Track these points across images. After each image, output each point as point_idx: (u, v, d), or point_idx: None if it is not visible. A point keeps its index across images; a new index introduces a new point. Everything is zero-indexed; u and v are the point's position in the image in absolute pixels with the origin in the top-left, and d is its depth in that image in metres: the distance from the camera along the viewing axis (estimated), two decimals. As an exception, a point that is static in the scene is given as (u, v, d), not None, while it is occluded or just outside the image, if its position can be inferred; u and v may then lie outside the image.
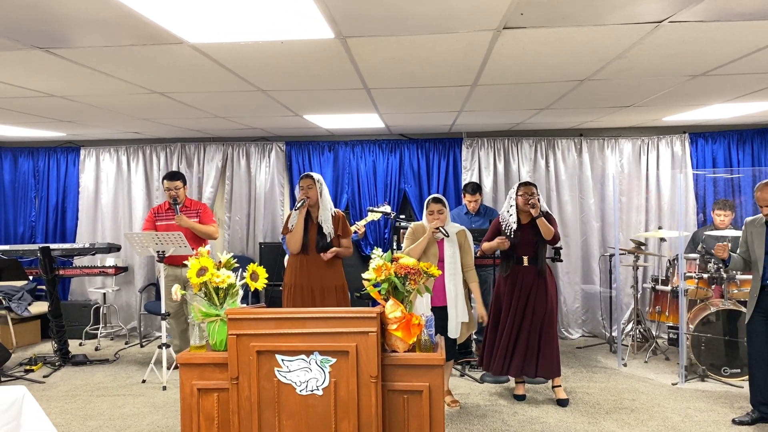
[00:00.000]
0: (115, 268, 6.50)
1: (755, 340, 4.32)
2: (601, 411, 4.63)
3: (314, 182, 4.70)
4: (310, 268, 4.72)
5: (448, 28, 2.66)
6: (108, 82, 3.70)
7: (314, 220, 4.77)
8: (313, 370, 2.81)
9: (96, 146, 7.52)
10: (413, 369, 2.91)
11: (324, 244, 4.72)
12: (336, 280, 4.78)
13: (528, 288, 4.75)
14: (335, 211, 4.84)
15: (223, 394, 2.93)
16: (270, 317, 2.82)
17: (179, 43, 2.79)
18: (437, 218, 4.49)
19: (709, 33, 2.82)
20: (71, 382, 5.57)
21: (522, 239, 4.74)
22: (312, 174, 4.75)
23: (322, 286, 4.71)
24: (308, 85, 3.96)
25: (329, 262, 4.73)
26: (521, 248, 4.76)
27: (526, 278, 4.76)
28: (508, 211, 4.80)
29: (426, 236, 4.47)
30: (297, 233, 4.70)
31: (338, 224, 4.79)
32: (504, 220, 4.83)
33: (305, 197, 4.67)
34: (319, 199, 4.72)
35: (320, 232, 4.73)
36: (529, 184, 4.79)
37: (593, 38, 2.86)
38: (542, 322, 4.72)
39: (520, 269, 4.78)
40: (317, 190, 4.70)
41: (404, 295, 2.99)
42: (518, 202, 4.74)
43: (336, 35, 2.71)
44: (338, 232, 4.78)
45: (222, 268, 2.99)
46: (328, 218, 4.74)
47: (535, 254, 4.76)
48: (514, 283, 4.78)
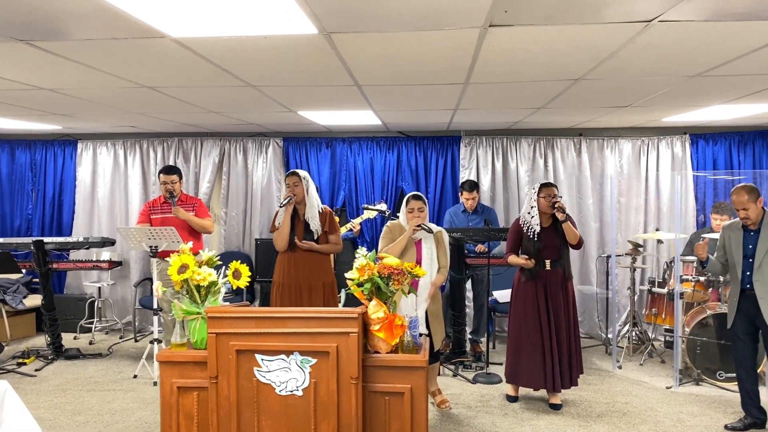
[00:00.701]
0: (109, 263, 6.48)
1: (739, 344, 4.32)
2: (593, 414, 4.58)
3: (300, 179, 4.66)
4: (298, 266, 4.68)
5: (433, 25, 2.62)
6: (95, 76, 3.67)
7: (301, 217, 4.74)
8: (293, 370, 2.78)
9: (93, 140, 7.50)
10: (395, 370, 2.88)
11: (310, 240, 4.69)
12: (324, 277, 4.75)
13: (556, 293, 4.60)
14: (322, 208, 4.81)
15: (203, 392, 2.91)
16: (250, 316, 2.80)
17: (161, 37, 2.75)
18: (417, 216, 4.32)
19: (702, 33, 2.77)
20: (63, 376, 5.55)
21: (545, 242, 4.59)
22: (298, 171, 4.72)
23: (310, 283, 4.67)
24: (298, 81, 3.92)
25: (316, 259, 4.70)
26: (545, 251, 4.59)
27: (552, 282, 4.60)
28: (529, 213, 4.63)
29: (406, 235, 4.30)
30: (283, 231, 4.67)
31: (325, 221, 4.75)
32: (526, 222, 4.65)
33: (291, 194, 4.64)
34: (306, 197, 4.68)
35: (307, 229, 4.70)
36: (551, 185, 4.62)
37: (583, 37, 2.81)
38: (574, 330, 4.64)
39: (544, 273, 4.61)
40: (303, 187, 4.67)
41: (388, 296, 2.96)
42: (540, 204, 4.57)
43: (320, 31, 2.67)
44: (325, 228, 4.74)
45: (204, 265, 2.96)
46: (315, 215, 4.71)
47: (559, 257, 4.62)
48: (539, 288, 4.60)
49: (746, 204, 4.08)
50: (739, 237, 4.24)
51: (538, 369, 4.57)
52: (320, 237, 4.72)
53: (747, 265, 4.18)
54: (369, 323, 2.89)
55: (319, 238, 4.72)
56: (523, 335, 4.64)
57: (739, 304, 4.26)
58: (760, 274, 4.09)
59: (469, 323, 6.45)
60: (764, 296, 4.07)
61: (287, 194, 4.67)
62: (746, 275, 4.19)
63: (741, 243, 4.23)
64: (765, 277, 4.08)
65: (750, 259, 4.16)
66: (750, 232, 4.20)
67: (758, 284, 4.10)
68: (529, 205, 4.68)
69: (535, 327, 4.58)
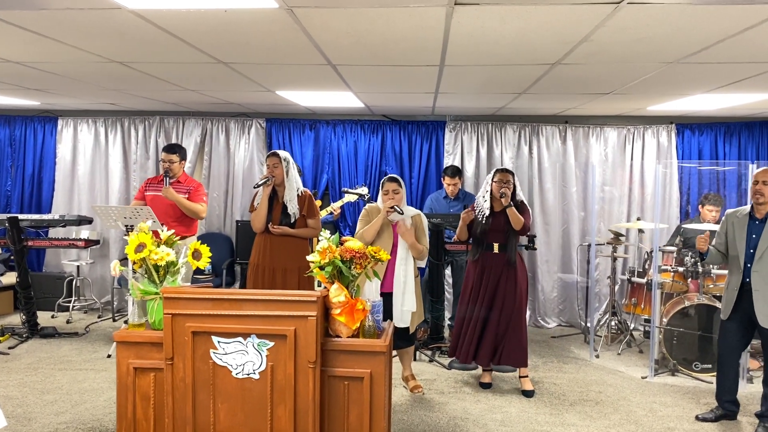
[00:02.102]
0: (86, 241, 6.40)
1: (729, 337, 4.19)
2: (566, 402, 4.56)
3: (280, 161, 4.59)
4: (274, 248, 4.62)
5: (397, 2, 2.54)
6: (58, 48, 3.57)
7: (280, 199, 4.67)
8: (250, 353, 2.74)
9: (73, 117, 7.39)
10: (355, 355, 2.84)
11: (288, 223, 4.62)
12: (300, 261, 4.63)
13: (497, 276, 4.68)
14: (302, 191, 4.73)
15: (160, 374, 2.86)
16: (206, 297, 2.74)
17: (118, 9, 2.67)
18: (392, 198, 4.34)
19: (673, 17, 2.69)
20: (36, 354, 5.50)
21: (493, 226, 4.66)
22: (278, 152, 4.65)
23: (285, 266, 4.61)
24: (269, 59, 3.83)
25: (292, 242, 4.63)
26: (492, 235, 4.68)
27: (495, 266, 4.69)
28: (483, 197, 4.72)
29: (380, 216, 4.33)
30: (261, 212, 4.61)
31: (304, 204, 4.68)
32: (478, 205, 4.75)
33: (270, 175, 4.57)
34: (285, 179, 4.61)
35: (285, 211, 4.63)
36: (506, 171, 4.68)
37: (552, 18, 2.73)
38: (511, 311, 4.66)
39: (490, 256, 4.71)
40: (283, 169, 4.59)
41: (350, 280, 2.91)
42: (493, 188, 4.66)
43: (280, 5, 2.58)
44: (303, 212, 4.67)
45: (162, 245, 2.90)
46: (294, 198, 4.64)
47: (505, 242, 4.68)
48: (483, 270, 4.72)
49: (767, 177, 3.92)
50: (744, 225, 4.07)
51: (468, 343, 4.71)
52: (298, 220, 4.65)
53: (749, 256, 4.01)
54: (330, 307, 2.85)
55: (296, 221, 4.64)
56: (460, 312, 4.84)
57: (738, 298, 4.08)
58: (760, 266, 3.94)
59: (447, 309, 6.43)
60: (759, 288, 3.94)
61: (266, 174, 4.60)
62: (747, 267, 4.01)
63: (745, 232, 4.05)
64: (765, 270, 3.93)
65: (752, 250, 3.99)
66: (756, 221, 4.03)
67: (755, 276, 3.95)
68: (484, 189, 4.74)
69: (471, 304, 4.74)
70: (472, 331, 4.70)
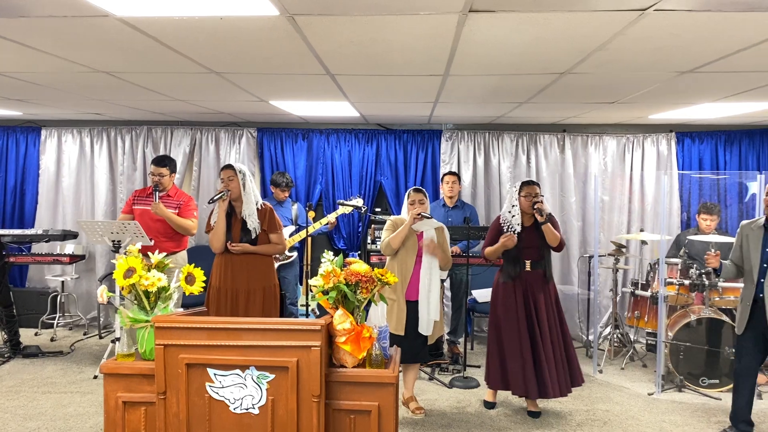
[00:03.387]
0: (70, 257, 6.16)
1: (745, 357, 4.04)
2: (573, 423, 4.40)
3: (235, 173, 4.33)
4: (234, 269, 4.34)
5: (407, 9, 2.37)
6: (41, 58, 3.37)
7: (238, 215, 4.40)
8: (249, 386, 2.54)
9: (58, 127, 7.15)
10: (362, 386, 2.65)
11: (249, 240, 4.36)
12: (264, 281, 4.40)
13: (537, 295, 4.40)
14: (261, 204, 4.46)
15: (151, 408, 2.66)
16: (202, 327, 2.54)
17: (104, 16, 2.47)
18: (419, 208, 4.35)
19: (698, 24, 2.55)
20: (18, 376, 5.26)
21: (526, 243, 4.40)
22: (233, 164, 4.40)
23: (248, 287, 4.34)
24: (265, 69, 3.65)
25: (254, 261, 4.37)
26: (525, 252, 4.41)
27: (533, 284, 4.42)
28: (510, 212, 4.46)
29: (407, 224, 4.31)
30: (219, 230, 4.33)
31: (265, 218, 4.40)
32: (506, 221, 4.47)
33: (225, 189, 4.31)
34: (242, 192, 4.34)
35: (244, 227, 4.36)
36: (533, 183, 4.45)
37: (570, 26, 2.58)
38: (564, 331, 4.46)
39: (524, 274, 4.42)
40: (239, 182, 4.33)
41: (355, 305, 2.72)
42: (521, 203, 4.40)
43: (281, 12, 2.41)
44: (264, 226, 4.39)
45: (153, 269, 2.70)
46: (253, 212, 4.36)
47: (540, 258, 4.44)
48: (517, 290, 4.42)
49: None
50: (759, 237, 3.91)
51: (519, 374, 4.35)
52: (259, 236, 4.37)
53: (762, 270, 3.85)
54: (334, 334, 2.66)
55: (258, 237, 4.37)
56: (504, 338, 4.44)
57: (752, 313, 3.93)
58: None
59: (447, 323, 6.26)
60: None
61: (221, 189, 4.34)
62: (761, 282, 3.86)
63: (760, 245, 3.89)
64: None
65: (766, 264, 3.83)
66: None
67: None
68: (510, 204, 4.50)
69: (515, 329, 4.38)
70: (525, 360, 4.31)
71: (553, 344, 4.39)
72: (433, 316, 4.33)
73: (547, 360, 4.33)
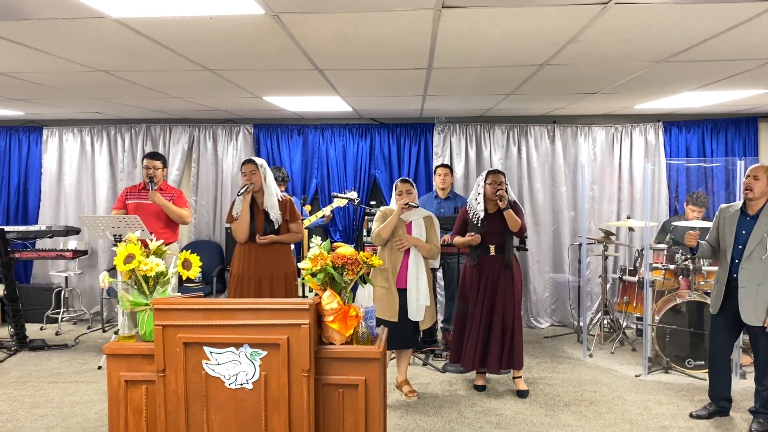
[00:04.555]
0: (73, 252, 6.33)
1: (719, 337, 4.21)
2: (560, 403, 4.56)
3: (257, 167, 4.54)
4: (258, 257, 4.56)
5: (384, 6, 2.52)
6: (42, 58, 3.53)
7: (260, 206, 4.61)
8: (243, 363, 2.70)
9: (59, 126, 7.32)
10: (349, 362, 2.81)
11: (272, 230, 4.57)
12: (285, 268, 4.64)
13: (495, 279, 4.66)
14: (282, 196, 4.69)
15: (152, 386, 2.81)
16: (197, 308, 2.70)
17: (101, 17, 2.63)
18: (406, 198, 4.47)
19: (660, 16, 2.69)
20: (25, 367, 5.43)
21: (489, 228, 4.64)
22: (254, 159, 4.60)
23: (270, 274, 4.56)
24: (256, 65, 3.80)
25: (277, 249, 4.60)
26: (488, 238, 4.66)
27: (493, 268, 4.67)
28: (476, 199, 4.70)
29: (396, 214, 4.45)
30: (243, 221, 4.54)
31: (285, 209, 4.63)
32: (471, 208, 4.73)
33: (248, 183, 4.51)
34: (264, 185, 4.55)
35: (267, 218, 4.58)
36: (498, 172, 4.68)
37: (540, 20, 2.73)
38: (513, 314, 4.65)
39: (487, 259, 4.68)
40: (261, 175, 4.54)
41: (342, 286, 2.88)
42: (486, 190, 4.64)
43: (266, 11, 2.56)
44: (286, 217, 4.63)
45: (152, 255, 2.86)
46: (275, 204, 4.58)
47: (502, 244, 4.67)
48: (481, 273, 4.69)
49: (758, 172, 3.92)
50: (735, 220, 4.08)
51: (474, 350, 4.67)
52: (281, 226, 4.61)
53: (737, 252, 4.02)
54: (323, 314, 2.82)
55: (279, 227, 4.61)
56: (459, 317, 4.82)
57: (726, 294, 4.10)
58: (748, 263, 3.95)
59: (440, 312, 6.41)
60: (745, 285, 3.95)
61: (244, 182, 4.54)
62: (735, 263, 4.03)
63: (735, 227, 4.06)
64: (752, 267, 3.94)
65: (741, 246, 4.00)
66: (747, 217, 4.03)
67: (743, 272, 3.97)
68: (476, 192, 4.72)
69: (471, 310, 4.70)
70: (476, 338, 4.65)
71: (504, 325, 4.63)
72: (423, 302, 4.47)
73: (493, 339, 4.63)
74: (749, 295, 3.95)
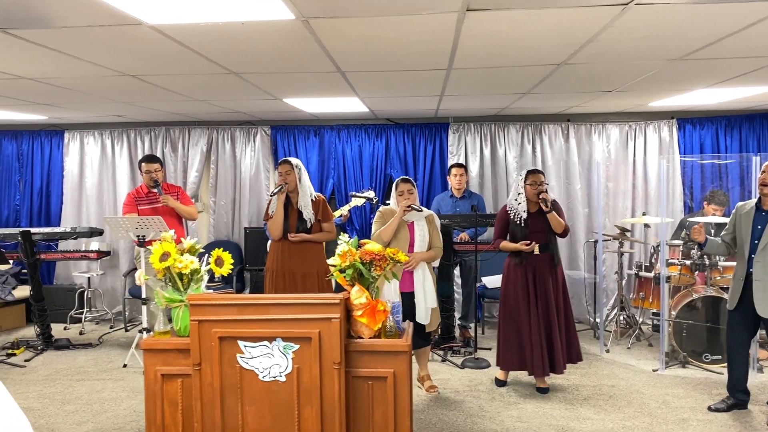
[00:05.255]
0: (98, 252, 6.46)
1: (736, 329, 4.26)
2: (579, 397, 4.62)
3: (292, 167, 4.67)
4: (292, 254, 4.69)
5: (411, 10, 2.61)
6: (75, 64, 3.65)
7: (294, 205, 4.73)
8: (276, 356, 2.79)
9: (80, 130, 7.46)
10: (378, 355, 2.90)
11: (304, 229, 4.70)
12: (318, 265, 4.75)
13: (545, 278, 4.62)
14: (315, 195, 4.81)
15: (187, 379, 2.92)
16: (232, 303, 2.80)
17: (138, 24, 2.73)
18: (407, 198, 4.44)
19: (679, 16, 2.77)
20: (52, 366, 5.56)
21: (533, 228, 4.62)
22: (290, 159, 4.72)
23: (303, 271, 4.70)
24: (280, 68, 3.90)
25: (309, 247, 4.72)
26: (533, 237, 4.60)
27: (541, 268, 4.62)
28: (516, 200, 4.67)
29: (397, 216, 4.40)
30: (277, 219, 4.67)
31: (318, 209, 4.76)
32: (512, 209, 4.69)
33: (283, 183, 4.64)
34: (298, 185, 4.69)
35: (300, 217, 4.71)
36: (537, 171, 4.66)
37: (561, 21, 2.81)
38: (567, 312, 4.68)
39: (534, 258, 4.62)
40: (296, 176, 4.67)
41: (370, 281, 2.97)
42: (527, 191, 4.62)
43: (297, 16, 2.66)
44: (318, 216, 4.75)
45: (185, 253, 2.96)
46: (308, 203, 4.72)
47: (547, 241, 4.64)
48: (527, 273, 4.62)
49: None
50: (750, 216, 4.14)
51: (527, 353, 4.59)
52: (313, 225, 4.74)
53: (753, 247, 4.09)
54: (351, 309, 2.91)
55: (312, 226, 4.73)
56: (514, 320, 4.66)
57: (744, 289, 4.15)
58: (762, 256, 4.01)
59: (457, 309, 6.49)
60: (760, 278, 4.01)
61: (279, 182, 4.67)
62: (751, 258, 4.09)
63: (751, 223, 4.12)
64: (766, 260, 4.00)
65: (756, 241, 4.07)
66: (762, 212, 4.09)
67: (758, 266, 4.03)
68: (516, 192, 4.71)
69: (525, 312, 4.59)
70: (539, 342, 4.54)
71: (559, 324, 4.62)
72: (430, 304, 4.42)
73: (551, 341, 4.58)
74: (764, 287, 4.01)
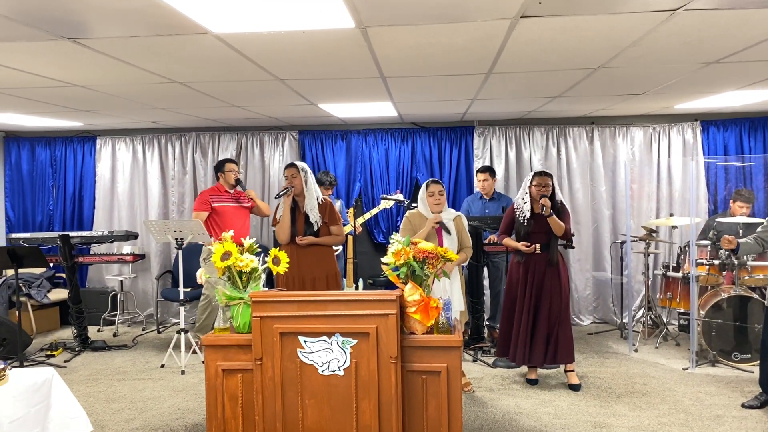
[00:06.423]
0: (133, 255, 6.61)
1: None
2: (613, 395, 4.70)
3: (298, 171, 4.68)
4: (300, 258, 4.67)
5: (467, 17, 2.71)
6: (130, 72, 3.77)
7: (301, 209, 4.74)
8: (335, 351, 2.90)
9: (112, 135, 7.62)
10: (431, 350, 2.99)
11: (311, 233, 4.69)
12: (327, 269, 4.75)
13: (541, 276, 4.80)
14: (322, 199, 4.80)
15: (247, 374, 3.03)
16: (293, 300, 2.91)
17: (204, 33, 2.85)
18: (438, 200, 4.51)
19: (723, 20, 2.86)
20: (92, 366, 5.69)
21: (535, 228, 4.78)
22: (296, 162, 4.76)
23: (313, 275, 4.69)
24: (325, 74, 4.01)
25: (318, 251, 4.72)
26: (534, 236, 4.79)
27: (539, 266, 4.81)
28: (523, 199, 4.83)
29: (427, 227, 4.44)
30: (284, 223, 4.70)
31: (325, 212, 4.74)
32: (518, 207, 4.87)
33: (289, 186, 4.67)
34: (304, 188, 4.69)
35: (307, 221, 4.70)
36: (545, 174, 4.78)
37: (609, 26, 2.90)
38: (558, 310, 4.79)
39: (533, 257, 4.81)
40: (302, 179, 4.67)
41: (422, 279, 3.07)
42: (531, 191, 4.77)
43: (357, 25, 2.77)
44: (325, 219, 4.73)
45: (245, 252, 3.07)
46: (315, 206, 4.70)
47: (547, 242, 4.80)
48: (527, 271, 4.83)
49: None
50: None
51: (521, 345, 4.82)
52: (320, 228, 4.72)
53: None
54: (405, 306, 3.01)
55: (319, 229, 4.71)
56: (506, 313, 4.98)
57: None
58: None
59: (486, 310, 6.57)
60: None
61: (285, 185, 4.71)
62: None
63: None
64: None
65: None
66: None
67: None
68: (523, 191, 4.87)
69: (518, 306, 4.85)
70: (524, 334, 4.79)
71: (550, 322, 4.79)
72: (458, 307, 4.47)
73: (538, 334, 4.79)
74: None
